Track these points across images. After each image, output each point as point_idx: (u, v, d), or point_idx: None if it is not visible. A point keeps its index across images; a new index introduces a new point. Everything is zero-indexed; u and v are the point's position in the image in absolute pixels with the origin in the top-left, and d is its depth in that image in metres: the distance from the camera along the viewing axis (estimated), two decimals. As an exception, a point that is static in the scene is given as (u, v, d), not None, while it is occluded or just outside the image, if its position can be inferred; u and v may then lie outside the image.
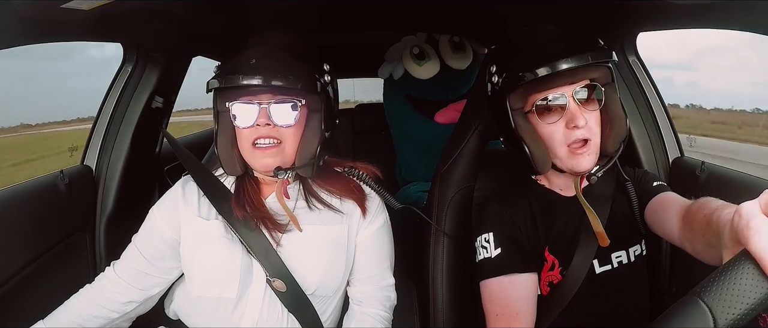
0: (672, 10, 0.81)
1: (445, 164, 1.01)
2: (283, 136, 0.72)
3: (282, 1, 1.00)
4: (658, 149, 1.07)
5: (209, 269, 0.75)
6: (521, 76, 0.69)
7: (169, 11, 0.88)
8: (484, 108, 0.98)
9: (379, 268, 0.83)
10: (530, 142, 0.71)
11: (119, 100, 1.11)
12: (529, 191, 0.82)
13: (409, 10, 1.20)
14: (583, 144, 0.71)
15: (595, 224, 0.73)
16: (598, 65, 0.71)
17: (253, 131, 0.71)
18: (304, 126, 0.74)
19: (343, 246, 0.79)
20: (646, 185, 0.79)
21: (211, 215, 0.78)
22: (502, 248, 0.75)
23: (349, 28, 1.55)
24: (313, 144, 0.73)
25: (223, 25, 1.10)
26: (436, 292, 0.97)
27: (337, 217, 0.79)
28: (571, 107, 0.69)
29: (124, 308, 0.79)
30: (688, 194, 0.99)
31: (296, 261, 0.76)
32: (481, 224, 0.81)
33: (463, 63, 1.55)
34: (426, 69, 1.56)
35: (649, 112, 1.08)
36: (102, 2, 0.70)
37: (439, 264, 0.97)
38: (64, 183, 0.98)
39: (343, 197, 0.80)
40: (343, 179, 0.82)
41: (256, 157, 0.72)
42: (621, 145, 0.75)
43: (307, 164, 0.74)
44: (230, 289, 0.74)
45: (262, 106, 0.70)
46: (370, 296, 0.84)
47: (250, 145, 0.72)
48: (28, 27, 0.73)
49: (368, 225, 0.81)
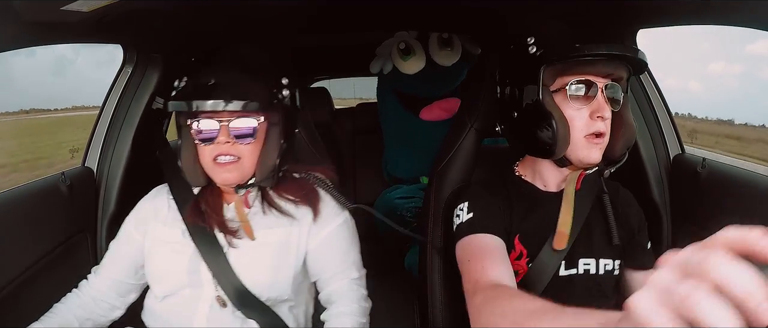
0: (672, 7, 0.81)
1: (441, 161, 1.02)
2: (243, 153, 0.74)
3: (282, 2, 1.00)
4: (659, 146, 1.07)
5: (161, 271, 0.79)
6: (576, 47, 0.69)
7: (168, 12, 0.88)
8: (481, 106, 0.98)
9: (343, 265, 0.85)
10: (558, 119, 0.70)
11: (120, 101, 1.11)
12: (508, 182, 0.83)
13: (408, 10, 1.20)
14: (599, 136, 0.72)
15: (563, 222, 0.74)
16: (627, 67, 0.73)
17: (214, 148, 0.73)
18: (263, 140, 0.76)
19: (292, 250, 0.81)
20: (641, 241, 0.81)
21: (173, 221, 0.81)
22: (474, 213, 0.77)
23: (350, 28, 1.55)
24: (273, 157, 0.76)
25: (222, 25, 1.10)
26: (434, 291, 0.97)
27: (287, 221, 0.81)
28: (599, 98, 0.71)
29: (111, 314, 0.84)
30: (690, 191, 0.99)
31: (243, 265, 0.78)
32: (458, 198, 0.83)
33: (450, 60, 1.56)
34: (411, 64, 1.57)
35: (649, 108, 1.08)
36: (102, 4, 0.70)
37: (435, 263, 0.97)
38: (66, 185, 0.98)
39: (299, 202, 0.82)
40: (300, 184, 0.85)
41: (217, 173, 0.75)
42: (626, 151, 0.76)
43: (267, 177, 0.77)
44: (181, 292, 0.78)
45: (222, 123, 0.72)
46: (341, 291, 0.85)
47: (211, 161, 0.74)
48: (27, 29, 0.73)
49: (323, 228, 0.83)
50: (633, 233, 0.80)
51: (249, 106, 0.71)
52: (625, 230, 0.80)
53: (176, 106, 0.72)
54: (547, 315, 0.47)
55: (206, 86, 0.71)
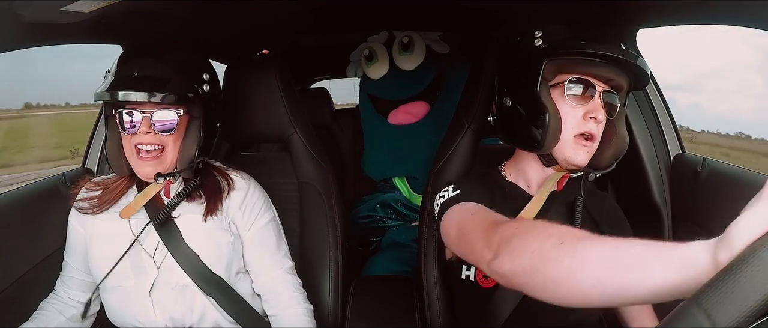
0: (672, 7, 0.81)
1: (438, 162, 1.02)
2: (164, 142, 0.79)
3: (282, 2, 1.00)
4: (659, 146, 1.07)
5: (102, 261, 0.81)
6: (581, 44, 0.70)
7: (168, 12, 0.88)
8: (478, 107, 0.98)
9: (276, 256, 0.91)
10: (552, 113, 0.71)
11: None
12: (491, 180, 0.84)
13: (408, 10, 1.20)
14: (587, 141, 0.72)
15: (526, 213, 0.74)
16: (628, 79, 0.73)
17: (137, 137, 0.77)
18: (184, 133, 0.81)
19: (226, 230, 0.85)
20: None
21: (108, 211, 0.84)
22: (460, 190, 0.79)
23: (349, 28, 1.55)
24: (192, 149, 0.81)
25: (222, 25, 1.10)
26: (430, 290, 0.97)
27: (216, 207, 0.85)
28: (596, 100, 0.71)
29: (90, 311, 0.86)
30: (690, 191, 0.99)
31: (190, 243, 0.82)
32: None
33: (410, 64, 1.58)
34: (374, 69, 1.62)
35: (649, 108, 1.08)
36: (102, 4, 0.70)
37: (431, 263, 0.97)
38: (66, 186, 0.99)
39: (219, 197, 0.86)
40: (216, 182, 0.88)
41: (138, 166, 0.79)
42: (614, 162, 0.77)
43: (186, 168, 0.81)
44: (126, 278, 0.80)
45: (145, 114, 0.76)
46: (278, 281, 0.90)
47: (133, 151, 0.78)
48: (27, 29, 0.73)
49: (253, 223, 0.88)
50: None
51: (169, 99, 0.75)
52: None
53: (100, 96, 0.75)
54: (607, 239, 0.44)
55: (130, 79, 0.75)
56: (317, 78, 2.62)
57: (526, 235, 0.52)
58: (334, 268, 1.08)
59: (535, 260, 0.48)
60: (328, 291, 1.07)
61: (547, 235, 0.49)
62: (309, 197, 1.11)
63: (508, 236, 0.54)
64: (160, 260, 0.81)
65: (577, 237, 0.46)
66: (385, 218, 1.64)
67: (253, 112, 1.10)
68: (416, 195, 1.66)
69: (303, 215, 1.11)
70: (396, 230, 1.58)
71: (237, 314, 0.85)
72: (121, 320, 0.83)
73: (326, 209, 1.10)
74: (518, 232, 0.54)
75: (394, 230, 1.59)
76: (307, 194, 1.11)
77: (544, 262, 0.47)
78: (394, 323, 0.99)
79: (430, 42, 1.59)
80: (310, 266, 1.07)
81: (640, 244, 0.40)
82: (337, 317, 1.07)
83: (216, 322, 0.84)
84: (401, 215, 1.63)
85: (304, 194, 1.11)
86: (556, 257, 0.46)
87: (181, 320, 0.82)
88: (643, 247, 0.40)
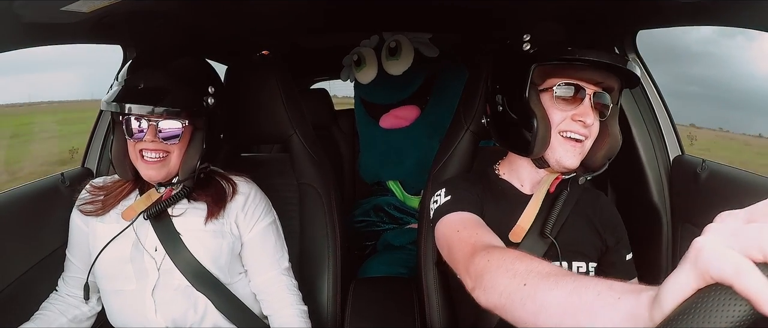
0: (672, 8, 0.81)
1: (438, 164, 1.02)
2: (169, 150, 0.80)
3: (281, 2, 1.00)
4: (658, 147, 1.07)
5: (105, 263, 0.82)
6: (568, 50, 0.69)
7: (168, 12, 0.88)
8: (477, 108, 0.98)
9: (274, 257, 0.92)
10: (540, 118, 0.71)
11: None
12: (485, 179, 0.84)
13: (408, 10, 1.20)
14: (577, 143, 0.72)
15: (525, 218, 0.75)
16: (618, 79, 0.73)
17: (142, 143, 0.79)
18: (188, 142, 0.82)
19: (227, 233, 0.86)
20: (619, 251, 0.81)
21: (108, 213, 0.85)
22: (452, 195, 0.78)
23: (349, 28, 1.55)
24: (195, 158, 0.82)
25: (222, 26, 1.10)
26: (430, 290, 0.97)
27: (218, 211, 0.87)
28: (586, 103, 0.71)
29: (90, 311, 0.88)
30: (689, 192, 0.99)
31: (189, 246, 0.83)
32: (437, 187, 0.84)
33: (398, 69, 1.57)
34: (363, 74, 1.63)
35: (649, 109, 1.08)
36: (102, 4, 0.70)
37: (430, 263, 0.97)
38: (65, 186, 0.98)
39: (222, 201, 0.87)
40: (220, 187, 0.90)
41: (143, 169, 0.81)
42: (607, 162, 0.77)
43: (188, 177, 0.82)
44: (128, 281, 0.81)
45: (151, 122, 0.78)
46: (273, 282, 0.91)
47: (138, 156, 0.80)
48: (27, 29, 0.73)
49: (254, 226, 0.90)
50: (606, 242, 0.80)
51: (172, 112, 0.77)
52: (598, 238, 0.80)
53: (108, 107, 0.76)
54: (565, 279, 0.44)
55: (136, 90, 0.77)
56: (317, 78, 2.62)
57: (496, 272, 0.53)
58: (333, 268, 1.08)
59: (504, 300, 0.49)
60: (327, 291, 1.07)
61: (512, 273, 0.50)
62: (308, 197, 1.11)
63: (481, 271, 0.56)
64: (160, 261, 0.81)
65: (540, 276, 0.47)
66: (379, 222, 1.65)
67: (253, 113, 1.10)
68: (410, 197, 1.66)
69: (302, 215, 1.11)
70: (391, 234, 1.58)
71: (235, 316, 0.86)
72: (122, 322, 0.84)
73: (325, 209, 1.10)
74: (489, 266, 0.55)
75: (388, 233, 1.60)
76: (307, 194, 1.11)
77: (512, 302, 0.48)
78: (394, 323, 0.99)
79: (419, 46, 1.58)
80: (310, 266, 1.07)
81: (595, 289, 0.40)
82: (337, 317, 1.07)
83: (216, 323, 0.85)
84: (394, 218, 1.64)
85: (304, 195, 1.11)
86: (520, 299, 0.47)
87: (182, 321, 0.82)
88: (595, 295, 0.39)
